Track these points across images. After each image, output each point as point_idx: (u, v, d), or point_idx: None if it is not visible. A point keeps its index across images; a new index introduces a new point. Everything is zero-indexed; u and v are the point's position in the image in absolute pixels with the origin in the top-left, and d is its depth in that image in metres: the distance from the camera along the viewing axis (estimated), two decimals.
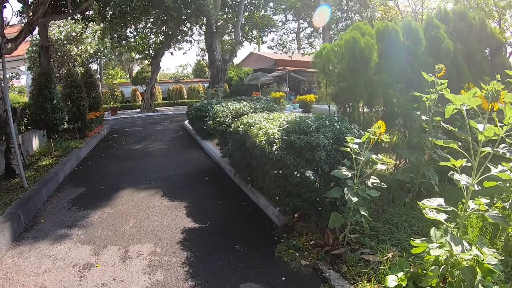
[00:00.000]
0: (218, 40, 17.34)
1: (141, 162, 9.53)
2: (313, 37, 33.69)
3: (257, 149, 5.24)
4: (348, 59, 6.27)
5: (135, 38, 23.96)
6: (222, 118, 7.79)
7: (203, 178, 7.95)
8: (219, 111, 8.12)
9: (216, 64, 17.57)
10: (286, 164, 4.66)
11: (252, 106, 8.43)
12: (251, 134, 5.49)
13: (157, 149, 11.33)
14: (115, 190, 7.11)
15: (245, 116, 6.89)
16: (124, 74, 45.52)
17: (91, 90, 13.95)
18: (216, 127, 7.80)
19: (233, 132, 6.73)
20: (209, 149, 10.50)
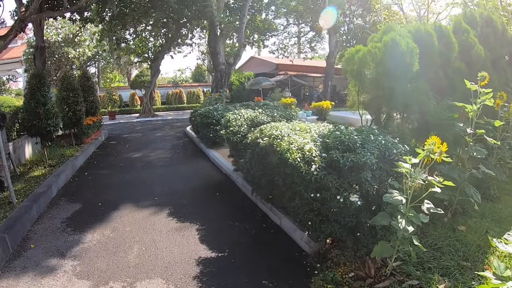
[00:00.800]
0: (222, 43, 16.60)
1: (142, 173, 8.72)
2: (314, 42, 33.33)
3: (287, 167, 4.53)
4: (388, 64, 5.53)
5: (134, 40, 23.24)
6: (236, 127, 7.02)
7: (213, 194, 7.15)
8: (232, 119, 7.36)
9: (219, 68, 16.82)
10: (326, 186, 3.98)
11: (269, 114, 7.67)
12: (280, 149, 4.73)
13: (159, 158, 10.53)
14: (115, 208, 6.31)
15: (265, 126, 6.16)
16: (123, 77, 44.78)
17: (88, 94, 13.15)
18: (229, 137, 7.03)
19: (250, 144, 6.05)
20: (216, 160, 9.71)
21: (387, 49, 5.59)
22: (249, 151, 6.18)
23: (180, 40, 23.70)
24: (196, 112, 12.52)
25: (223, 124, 7.65)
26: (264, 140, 5.41)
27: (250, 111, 8.00)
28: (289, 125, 5.79)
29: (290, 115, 7.93)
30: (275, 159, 4.88)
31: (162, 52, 22.75)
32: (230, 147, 7.53)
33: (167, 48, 22.54)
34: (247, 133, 6.63)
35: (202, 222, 5.62)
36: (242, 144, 6.62)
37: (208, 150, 10.94)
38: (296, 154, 4.34)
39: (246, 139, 6.38)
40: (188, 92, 31.54)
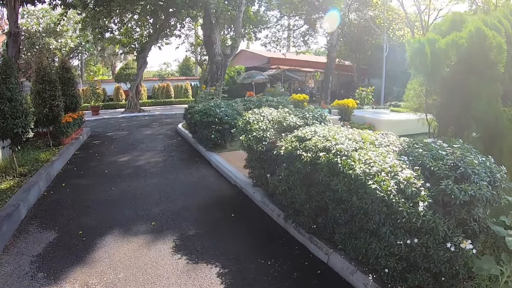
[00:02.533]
0: (218, 32, 15.02)
1: (133, 184, 7.20)
2: (308, 35, 32.08)
3: (363, 199, 3.21)
4: (475, 60, 4.16)
5: (120, 30, 21.46)
6: (260, 132, 5.61)
7: (227, 215, 5.70)
8: (253, 121, 5.95)
9: (215, 59, 15.23)
10: (431, 230, 2.95)
11: (299, 115, 6.28)
12: (353, 174, 3.34)
13: (151, 162, 8.99)
14: (101, 238, 4.81)
15: (303, 132, 4.80)
16: (107, 70, 42.71)
17: (68, 87, 11.48)
18: (252, 145, 5.59)
19: (284, 156, 4.73)
20: (221, 167, 8.27)
21: (473, 41, 4.24)
22: (283, 165, 4.84)
23: (169, 30, 21.99)
24: (193, 108, 10.98)
25: (241, 127, 6.19)
26: (321, 156, 4.00)
27: (273, 110, 6.58)
28: (341, 132, 4.44)
29: (323, 117, 6.50)
30: (341, 185, 3.56)
31: (149, 43, 21.02)
32: (250, 156, 6.11)
33: (155, 39, 20.80)
34: (275, 141, 5.22)
35: (222, 262, 4.19)
36: (270, 155, 5.25)
37: (209, 153, 9.48)
38: (388, 184, 2.92)
39: (276, 148, 4.97)
40: (175, 86, 29.79)
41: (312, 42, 32.76)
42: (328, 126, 5.58)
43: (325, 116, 6.58)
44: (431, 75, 4.67)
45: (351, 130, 4.90)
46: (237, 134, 6.45)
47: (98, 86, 25.98)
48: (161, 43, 22.89)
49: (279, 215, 5.38)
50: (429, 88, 4.91)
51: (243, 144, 5.85)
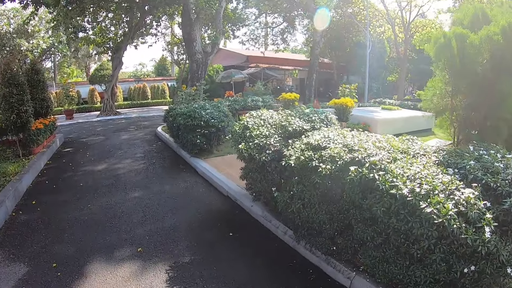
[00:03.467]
0: (198, 29, 14.24)
1: (112, 199, 6.46)
2: (286, 33, 31.68)
3: (411, 221, 2.70)
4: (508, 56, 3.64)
5: (94, 30, 20.37)
6: (262, 139, 4.97)
7: (225, 235, 5.07)
8: (252, 125, 5.35)
9: (195, 58, 14.45)
10: (493, 255, 2.50)
11: (305, 118, 5.70)
12: (399, 194, 2.86)
13: (131, 172, 8.23)
14: (79, 272, 4.10)
15: (315, 138, 4.22)
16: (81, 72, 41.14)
17: (38, 90, 10.58)
18: (253, 154, 4.94)
19: (297, 168, 4.23)
20: (209, 175, 7.63)
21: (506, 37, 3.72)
22: (295, 179, 4.22)
23: (145, 29, 21.05)
24: (174, 111, 10.22)
25: (238, 133, 5.56)
26: (329, 164, 3.50)
27: (273, 113, 6.00)
28: (367, 139, 3.99)
29: (329, 119, 5.91)
30: (379, 205, 3.08)
31: (125, 42, 20.03)
32: (250, 167, 5.47)
33: (130, 37, 19.83)
34: (281, 149, 4.61)
35: None
36: (276, 165, 4.70)
37: (194, 160, 8.79)
38: (447, 207, 2.37)
39: (285, 159, 4.39)
40: (152, 87, 28.72)
41: (290, 40, 32.19)
42: (338, 130, 5.02)
43: (331, 118, 5.99)
44: (460, 73, 4.13)
45: (377, 136, 4.36)
46: (232, 141, 5.75)
47: (71, 89, 24.69)
48: (136, 43, 21.93)
49: (285, 232, 4.81)
50: (455, 88, 4.35)
51: (242, 153, 5.17)
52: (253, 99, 13.28)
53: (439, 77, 4.97)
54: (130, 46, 21.03)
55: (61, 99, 23.50)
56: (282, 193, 4.61)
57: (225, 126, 9.18)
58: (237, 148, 5.28)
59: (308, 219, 4.11)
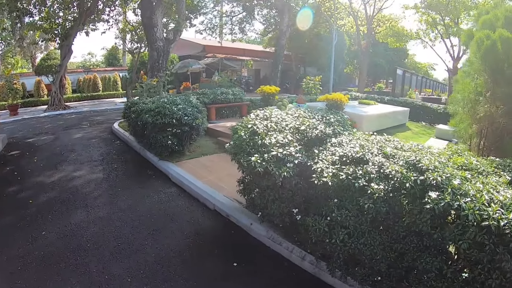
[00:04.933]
0: (160, 13, 12.61)
1: (72, 221, 5.05)
2: (245, 22, 30.60)
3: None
4: None
5: (41, 15, 17.99)
6: (280, 149, 3.85)
7: (229, 266, 4.00)
8: (263, 130, 4.16)
9: (156, 45, 12.84)
10: None
11: (323, 120, 4.58)
12: (495, 227, 2.55)
13: (90, 181, 6.75)
14: None
15: (356, 151, 3.50)
16: (26, 63, 37.57)
17: None
18: (271, 169, 3.76)
19: (334, 187, 3.51)
20: (187, 182, 6.47)
21: None
22: (334, 201, 3.49)
23: (96, 15, 18.98)
24: (138, 106, 8.72)
25: (244, 140, 4.39)
26: (382, 183, 3.02)
27: (278, 111, 4.87)
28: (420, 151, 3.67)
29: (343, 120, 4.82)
30: (464, 238, 2.61)
31: (75, 28, 17.84)
32: (261, 183, 4.23)
33: (81, 23, 17.70)
34: (305, 161, 3.50)
35: None
36: (298, 182, 3.75)
37: (164, 164, 7.48)
38: None
39: (316, 175, 3.53)
40: (102, 78, 26.38)
41: (249, 30, 31.09)
42: (362, 135, 4.04)
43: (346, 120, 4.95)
44: (507, 78, 3.34)
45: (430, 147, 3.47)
46: (234, 150, 4.49)
47: (16, 81, 21.96)
48: (87, 29, 19.76)
49: (303, 257, 3.90)
50: (495, 93, 3.59)
51: (255, 167, 3.93)
52: (223, 92, 11.99)
53: (468, 80, 4.33)
54: (80, 33, 18.87)
55: (4, 93, 20.83)
56: (314, 218, 3.52)
57: (199, 124, 7.88)
58: (246, 161, 4.04)
59: (354, 250, 3.18)
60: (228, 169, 7.27)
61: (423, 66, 63.39)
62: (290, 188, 3.86)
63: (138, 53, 20.58)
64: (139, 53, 20.66)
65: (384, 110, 12.22)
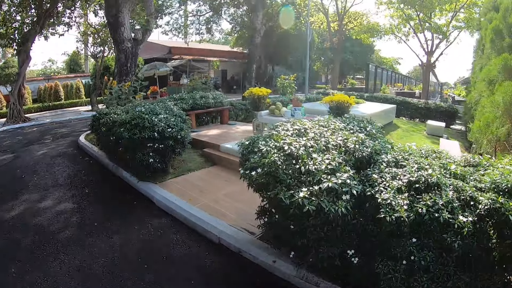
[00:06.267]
0: (127, 11, 11.27)
1: (45, 278, 3.82)
2: (211, 22, 29.52)
3: None
4: None
5: None
6: (333, 178, 2.88)
7: None
8: (297, 149, 3.17)
9: (124, 47, 11.51)
10: None
11: (365, 132, 3.65)
12: None
13: (59, 214, 5.50)
14: None
15: (426, 176, 2.92)
16: None
17: None
18: (325, 205, 2.79)
19: (411, 224, 2.80)
20: (177, 208, 5.38)
21: None
22: (412, 241, 2.83)
23: (56, 18, 17.32)
24: (108, 117, 7.43)
25: (280, 168, 3.34)
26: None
27: (308, 123, 3.84)
28: None
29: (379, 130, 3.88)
30: None
31: (33, 32, 16.12)
32: (309, 223, 3.18)
33: (39, 27, 16.00)
34: (365, 191, 2.99)
35: None
36: (354, 217, 3.05)
37: (145, 186, 6.33)
38: None
39: (384, 209, 2.95)
40: (64, 86, 24.51)
41: (216, 30, 30.03)
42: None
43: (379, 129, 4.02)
44: None
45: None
46: (266, 183, 3.37)
47: None
48: (46, 33, 18.04)
49: None
50: None
51: (303, 207, 2.92)
52: (202, 96, 10.87)
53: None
54: (39, 38, 17.15)
55: None
56: (384, 263, 2.81)
57: (185, 136, 6.73)
58: (289, 198, 2.98)
59: None
60: (223, 188, 6.22)
61: (389, 60, 64.16)
62: (342, 225, 2.89)
63: (102, 57, 19.14)
64: (103, 57, 19.21)
65: (377, 108, 11.50)
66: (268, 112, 8.11)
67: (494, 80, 7.01)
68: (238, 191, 6.11)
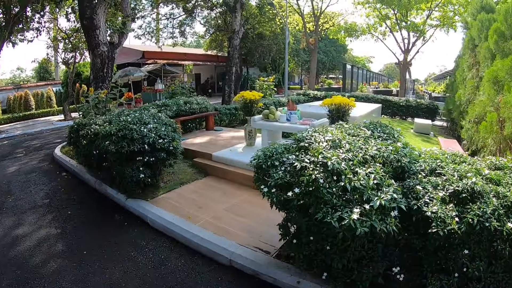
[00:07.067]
0: (103, 12, 10.48)
1: None
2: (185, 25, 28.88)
3: None
4: None
5: None
6: (382, 194, 2.56)
7: None
8: (344, 166, 2.71)
9: (100, 51, 10.73)
10: None
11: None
12: None
13: (40, 242, 4.85)
14: None
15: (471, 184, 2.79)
16: None
17: None
18: (379, 226, 2.40)
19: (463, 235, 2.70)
20: (176, 228, 4.81)
21: None
22: (465, 253, 2.72)
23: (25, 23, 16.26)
24: (88, 128, 6.74)
25: (323, 186, 2.89)
26: None
27: (335, 131, 3.47)
28: None
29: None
30: None
31: (1, 39, 15.09)
32: (350, 244, 2.86)
33: (8, 32, 14.93)
34: (412, 204, 2.91)
35: None
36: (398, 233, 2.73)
37: (136, 204, 5.75)
38: None
39: (436, 222, 2.75)
40: (35, 94, 23.23)
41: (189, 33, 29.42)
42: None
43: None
44: None
45: None
46: (308, 203, 2.87)
47: None
48: (14, 40, 16.93)
49: None
50: None
51: (355, 230, 2.54)
52: (187, 101, 10.29)
53: None
54: (7, 45, 16.06)
55: None
56: (436, 278, 2.68)
57: (177, 146, 6.15)
58: (338, 220, 2.55)
59: None
60: (222, 202, 5.72)
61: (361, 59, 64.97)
62: (385, 241, 2.56)
63: (73, 63, 18.23)
64: (74, 63, 18.32)
65: (366, 109, 11.20)
66: (261, 117, 7.63)
67: (501, 81, 6.90)
68: (238, 204, 5.65)
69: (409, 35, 25.22)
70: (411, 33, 24.88)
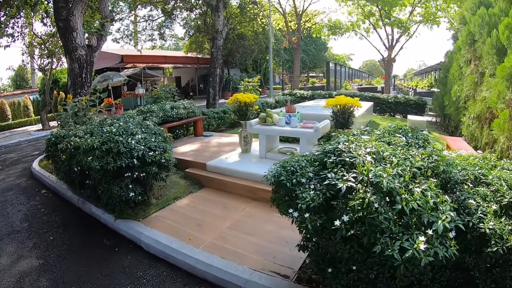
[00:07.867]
0: (80, 13, 9.68)
1: None
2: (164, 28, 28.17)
3: None
4: None
5: None
6: (443, 215, 2.04)
7: None
8: (394, 183, 2.24)
9: (77, 55, 9.94)
10: None
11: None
12: None
13: (21, 278, 4.18)
14: None
15: None
16: None
17: None
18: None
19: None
20: (174, 253, 4.22)
21: None
22: None
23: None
24: (66, 141, 6.05)
25: (378, 212, 2.34)
26: None
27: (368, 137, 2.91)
28: None
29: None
30: None
31: None
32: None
33: None
34: (467, 222, 2.58)
35: None
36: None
37: (126, 225, 5.13)
38: None
39: (494, 239, 2.45)
40: (11, 104, 22.18)
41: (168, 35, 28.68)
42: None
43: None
44: None
45: None
46: (362, 232, 2.34)
47: None
48: None
49: None
50: None
51: (419, 263, 2.08)
52: (173, 106, 9.67)
53: None
54: None
55: None
56: None
57: (169, 158, 5.53)
58: (399, 251, 2.08)
59: None
60: (224, 218, 5.15)
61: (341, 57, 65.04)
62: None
63: (50, 69, 17.37)
64: (51, 69, 17.46)
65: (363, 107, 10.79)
66: (258, 121, 7.07)
67: None
68: (242, 219, 5.10)
69: (393, 32, 25.10)
70: (395, 29, 24.73)
